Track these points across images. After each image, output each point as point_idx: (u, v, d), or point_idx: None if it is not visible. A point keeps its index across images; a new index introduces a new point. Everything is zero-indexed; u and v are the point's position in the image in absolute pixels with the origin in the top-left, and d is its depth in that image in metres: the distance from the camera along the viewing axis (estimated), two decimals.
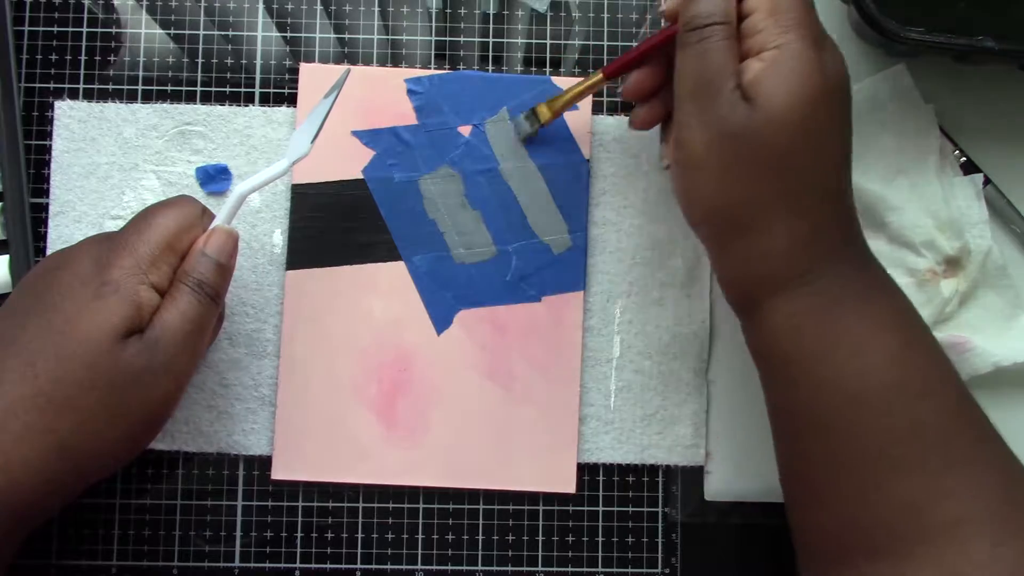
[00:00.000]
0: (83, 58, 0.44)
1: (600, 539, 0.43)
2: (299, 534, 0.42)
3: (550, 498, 0.43)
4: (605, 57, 0.44)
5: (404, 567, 0.42)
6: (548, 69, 0.44)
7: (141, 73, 0.44)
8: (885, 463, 0.31)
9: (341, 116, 0.43)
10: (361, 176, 0.43)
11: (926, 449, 0.31)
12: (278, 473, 0.42)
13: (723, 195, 0.33)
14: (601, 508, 0.43)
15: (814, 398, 0.33)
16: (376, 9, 0.45)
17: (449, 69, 0.44)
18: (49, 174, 0.43)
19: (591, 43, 0.45)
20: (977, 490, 0.31)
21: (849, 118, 0.34)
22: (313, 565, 0.42)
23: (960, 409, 0.33)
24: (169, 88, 0.44)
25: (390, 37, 0.45)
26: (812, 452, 0.33)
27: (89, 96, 0.44)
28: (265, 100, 0.44)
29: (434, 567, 0.42)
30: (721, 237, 0.35)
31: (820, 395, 0.33)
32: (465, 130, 0.43)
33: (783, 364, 0.34)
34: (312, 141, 0.38)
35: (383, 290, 0.43)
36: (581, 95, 0.40)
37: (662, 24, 0.43)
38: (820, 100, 0.32)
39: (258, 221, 0.43)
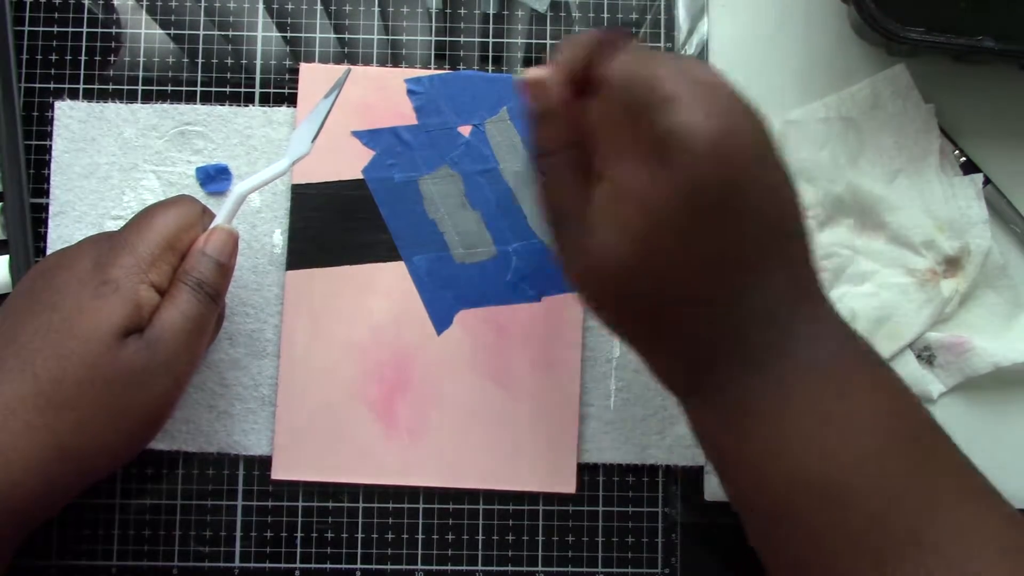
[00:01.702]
0: (83, 58, 0.44)
1: (600, 539, 0.43)
2: (299, 534, 0.42)
3: (550, 498, 0.43)
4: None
5: (404, 567, 0.42)
6: None
7: (141, 73, 0.44)
8: (849, 552, 0.28)
9: (341, 116, 0.43)
10: (361, 176, 0.43)
11: (875, 541, 0.28)
12: (278, 473, 0.42)
13: (602, 320, 0.32)
14: (601, 508, 0.43)
15: (740, 498, 0.31)
16: (376, 9, 0.45)
17: (449, 69, 0.44)
18: (49, 174, 0.43)
19: None
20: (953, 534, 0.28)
21: (737, 204, 0.28)
22: (313, 565, 0.42)
23: (883, 511, 0.28)
24: (169, 88, 0.44)
25: (390, 37, 0.45)
26: (761, 548, 0.32)
27: (89, 96, 0.44)
28: (265, 100, 0.44)
29: (434, 567, 0.42)
30: (627, 346, 0.34)
31: (743, 496, 0.31)
32: (465, 130, 0.43)
33: (712, 460, 0.33)
34: (312, 141, 0.38)
35: (383, 290, 0.43)
36: None
37: None
38: (656, 235, 0.28)
39: (258, 221, 0.43)
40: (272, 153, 0.43)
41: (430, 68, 0.44)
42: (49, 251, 0.43)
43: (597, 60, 0.30)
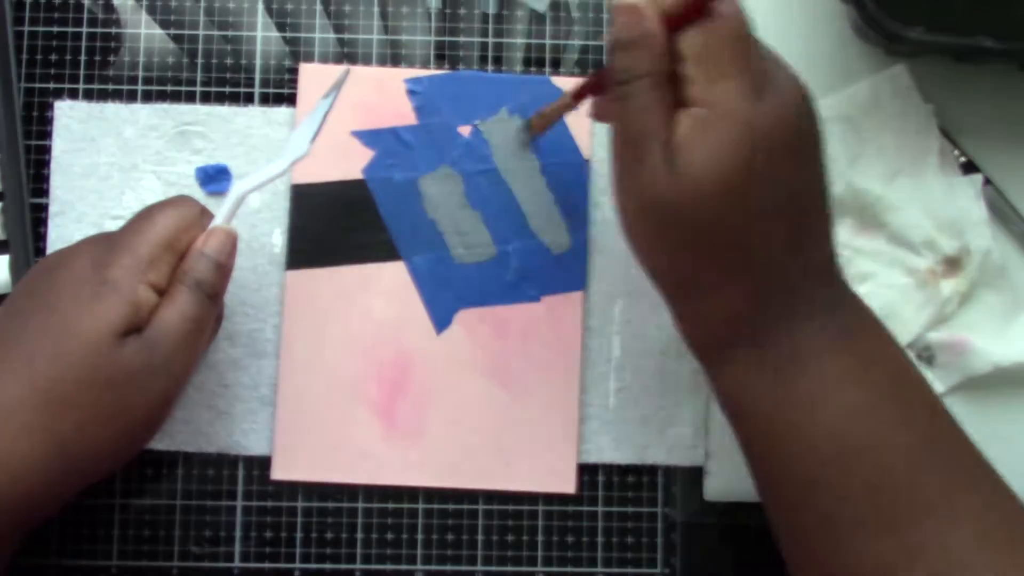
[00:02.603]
0: (83, 58, 0.44)
1: (600, 539, 0.43)
2: (299, 534, 0.42)
3: (550, 498, 0.43)
4: (605, 57, 0.44)
5: (404, 567, 0.42)
6: (548, 69, 0.44)
7: (141, 73, 0.44)
8: (848, 525, 0.30)
9: (341, 116, 0.43)
10: (361, 176, 0.43)
11: (891, 507, 0.30)
12: (278, 473, 0.42)
13: (657, 262, 0.32)
14: (601, 508, 0.43)
15: (783, 458, 0.32)
16: (376, 9, 0.45)
17: (449, 69, 0.44)
18: (49, 174, 0.43)
19: (591, 43, 0.45)
20: (947, 545, 0.29)
21: (806, 168, 0.31)
22: (313, 565, 0.42)
23: (928, 456, 0.31)
24: (169, 88, 0.44)
25: (390, 37, 0.45)
26: (779, 515, 0.33)
27: (89, 96, 0.44)
28: (265, 100, 0.44)
29: (434, 567, 0.42)
30: (668, 298, 0.33)
31: (787, 455, 0.31)
32: (465, 130, 0.43)
33: (746, 424, 0.33)
34: (311, 141, 0.38)
35: (383, 290, 0.43)
36: (557, 115, 0.40)
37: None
38: (753, 165, 0.29)
39: (258, 221, 0.43)
40: (272, 153, 0.43)
41: (430, 68, 0.44)
42: (49, 251, 0.43)
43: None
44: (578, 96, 0.38)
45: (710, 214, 0.30)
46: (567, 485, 0.42)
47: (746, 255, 0.30)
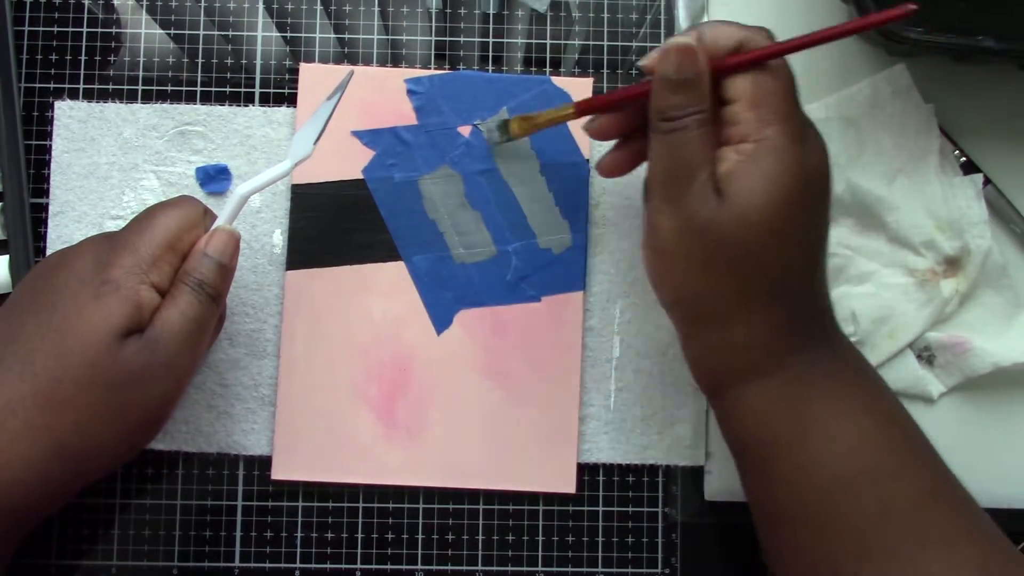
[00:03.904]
0: (83, 58, 0.44)
1: (600, 539, 0.43)
2: (299, 534, 0.42)
3: (550, 498, 0.43)
4: (605, 57, 0.44)
5: (404, 567, 0.42)
6: (548, 69, 0.44)
7: (141, 73, 0.44)
8: (860, 549, 0.31)
9: (341, 116, 0.43)
10: (361, 176, 0.43)
11: (900, 531, 0.31)
12: (278, 473, 0.42)
13: (690, 285, 0.33)
14: (601, 508, 0.43)
15: (788, 487, 0.32)
16: (376, 9, 0.45)
17: (449, 69, 0.44)
18: (49, 174, 0.43)
19: (591, 43, 0.45)
20: (952, 569, 0.30)
21: (826, 212, 0.34)
22: (313, 565, 0.42)
23: (934, 485, 0.32)
24: (169, 88, 0.44)
25: (390, 37, 0.45)
26: (789, 541, 0.33)
27: (89, 96, 0.44)
28: (265, 100, 0.44)
29: (434, 567, 0.42)
30: (689, 324, 0.34)
31: (794, 484, 0.32)
32: (465, 130, 0.43)
33: (756, 453, 0.33)
34: (315, 143, 0.38)
35: (383, 290, 0.43)
36: (551, 123, 0.40)
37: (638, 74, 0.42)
38: (795, 199, 0.32)
39: (258, 221, 0.43)
40: (272, 153, 0.43)
41: (430, 68, 0.44)
42: (49, 251, 0.43)
43: (747, 43, 0.33)
44: (584, 111, 0.38)
45: (755, 240, 0.31)
46: (567, 485, 0.42)
47: (780, 282, 0.32)
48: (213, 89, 0.44)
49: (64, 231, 0.43)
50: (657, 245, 0.33)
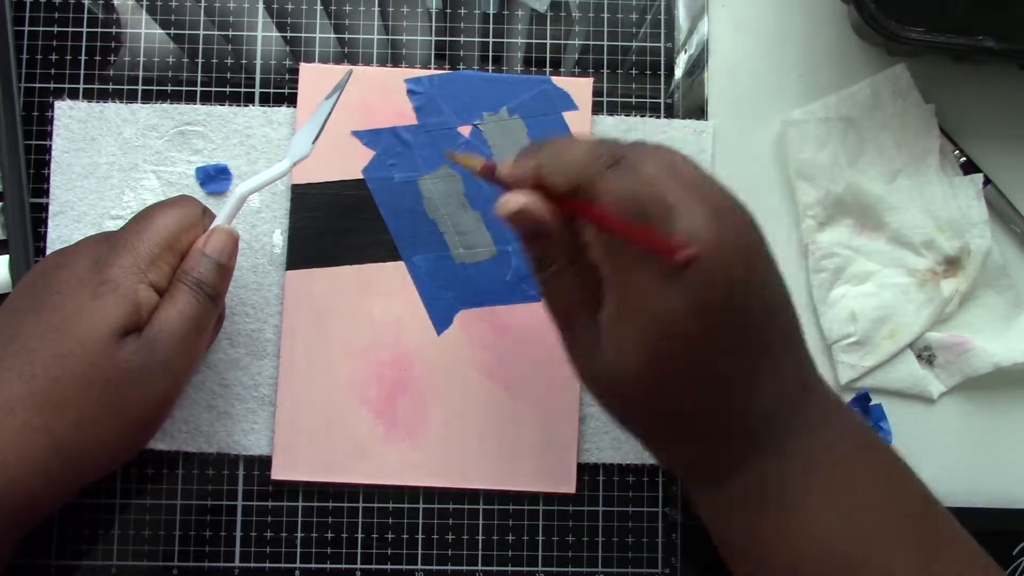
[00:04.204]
0: (83, 58, 0.44)
1: (600, 539, 0.43)
2: (299, 534, 0.42)
3: (550, 498, 0.43)
4: (605, 57, 0.44)
5: (404, 567, 0.42)
6: (548, 69, 0.44)
7: (141, 73, 0.44)
8: None
9: (341, 116, 0.43)
10: (361, 176, 0.43)
11: None
12: (278, 473, 0.42)
13: (612, 416, 0.33)
14: (601, 508, 0.43)
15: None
16: (376, 9, 0.45)
17: (449, 69, 0.44)
18: (49, 174, 0.43)
19: (591, 43, 0.45)
20: None
21: (746, 312, 0.29)
22: (313, 565, 0.42)
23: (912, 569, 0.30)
24: (169, 88, 0.44)
25: (390, 37, 0.45)
26: None
27: (89, 96, 0.44)
28: (265, 100, 0.44)
29: (434, 567, 0.42)
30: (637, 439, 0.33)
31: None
32: (465, 130, 0.43)
33: (719, 545, 0.33)
34: (313, 142, 0.38)
35: (383, 290, 0.43)
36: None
37: None
38: (668, 351, 0.28)
39: (258, 221, 0.43)
40: (272, 153, 0.43)
41: (430, 68, 0.44)
42: (49, 251, 0.42)
43: (583, 182, 0.29)
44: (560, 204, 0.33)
45: (641, 392, 0.30)
46: (567, 485, 0.42)
47: (686, 422, 0.30)
48: (213, 89, 0.44)
49: (64, 231, 0.43)
50: (581, 382, 0.33)
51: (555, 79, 0.44)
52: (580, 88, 0.44)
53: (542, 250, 0.31)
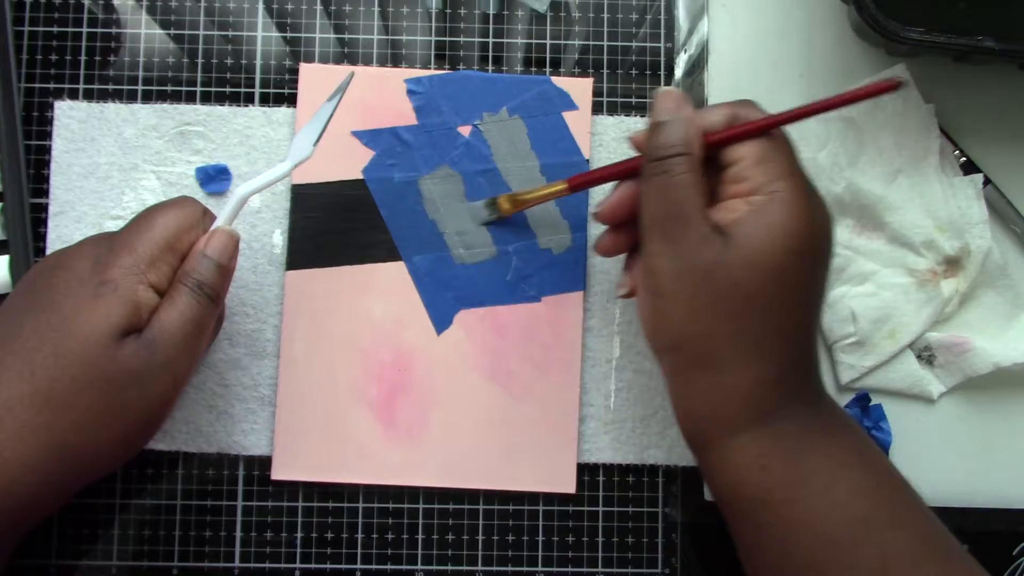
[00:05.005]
0: (83, 58, 0.44)
1: (600, 539, 0.43)
2: (299, 534, 0.42)
3: (550, 498, 0.43)
4: (605, 57, 0.44)
5: (404, 567, 0.42)
6: (548, 69, 0.44)
7: (141, 73, 0.44)
8: None
9: (341, 116, 0.43)
10: (361, 176, 0.43)
11: None
12: (278, 473, 0.42)
13: (688, 328, 0.33)
14: (601, 508, 0.43)
15: (784, 541, 0.32)
16: (376, 9, 0.45)
17: (449, 69, 0.44)
18: (49, 174, 0.43)
19: (591, 43, 0.45)
20: None
21: (827, 272, 0.34)
22: (313, 565, 0.42)
23: (927, 536, 0.32)
24: (169, 88, 0.44)
25: (390, 37, 0.45)
26: None
27: (89, 96, 0.44)
28: (265, 100, 0.44)
29: (434, 567, 0.42)
30: (683, 371, 0.34)
31: (790, 537, 0.32)
32: (465, 130, 0.43)
33: (750, 507, 0.33)
34: (315, 144, 0.38)
35: (383, 290, 0.43)
36: (542, 199, 0.40)
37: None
38: (804, 251, 0.32)
39: (258, 221, 0.43)
40: (272, 153, 0.43)
41: (430, 68, 0.44)
42: (49, 251, 0.43)
43: (738, 117, 0.34)
44: (577, 186, 0.39)
45: (759, 284, 0.32)
46: (567, 485, 0.42)
47: (779, 331, 0.32)
48: (213, 89, 0.44)
49: (64, 231, 0.43)
50: (656, 288, 0.33)
51: (555, 79, 0.44)
52: (580, 88, 0.44)
53: (672, 135, 0.33)
